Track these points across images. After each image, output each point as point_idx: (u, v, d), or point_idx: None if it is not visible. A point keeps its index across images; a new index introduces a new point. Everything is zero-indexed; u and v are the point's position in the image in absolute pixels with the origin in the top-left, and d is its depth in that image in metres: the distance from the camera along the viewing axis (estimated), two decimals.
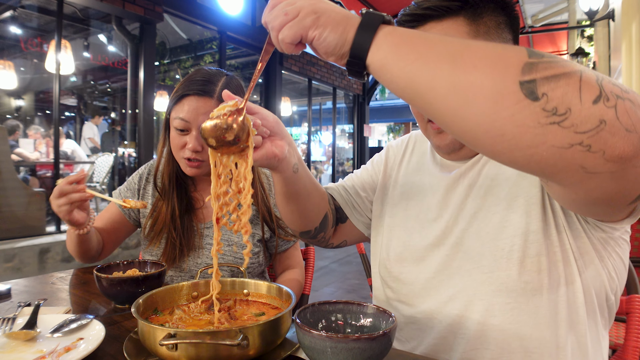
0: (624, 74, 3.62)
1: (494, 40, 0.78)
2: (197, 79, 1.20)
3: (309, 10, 0.57)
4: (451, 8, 0.77)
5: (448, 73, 0.49)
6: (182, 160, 1.23)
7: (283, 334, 0.71)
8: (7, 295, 1.05)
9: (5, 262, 3.55)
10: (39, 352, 0.69)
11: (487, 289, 0.75)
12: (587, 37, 7.76)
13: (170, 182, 1.29)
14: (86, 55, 6.42)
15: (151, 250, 1.28)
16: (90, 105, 8.27)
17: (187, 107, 1.18)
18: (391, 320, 0.64)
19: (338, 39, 0.57)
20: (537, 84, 0.44)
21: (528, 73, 0.45)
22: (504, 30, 0.79)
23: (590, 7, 4.85)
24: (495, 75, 0.46)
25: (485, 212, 0.79)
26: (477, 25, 0.76)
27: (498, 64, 0.47)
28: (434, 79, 0.50)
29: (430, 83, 0.50)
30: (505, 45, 0.51)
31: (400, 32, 0.55)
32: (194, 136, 1.19)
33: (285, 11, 0.58)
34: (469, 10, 0.77)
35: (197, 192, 1.35)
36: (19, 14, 5.74)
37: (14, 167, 4.17)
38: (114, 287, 0.93)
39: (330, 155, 10.57)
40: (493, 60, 0.47)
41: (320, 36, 0.57)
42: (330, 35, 0.57)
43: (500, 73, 0.46)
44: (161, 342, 0.60)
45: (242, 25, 6.86)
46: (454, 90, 0.48)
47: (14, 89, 5.59)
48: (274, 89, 7.67)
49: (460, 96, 0.48)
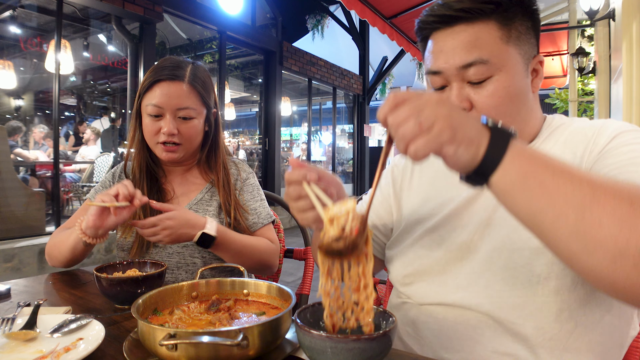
0: (624, 74, 3.62)
1: (523, 45, 0.77)
2: (166, 65, 1.25)
3: (444, 125, 0.53)
4: (484, 10, 0.75)
5: (574, 222, 0.50)
6: (157, 147, 1.25)
7: (283, 334, 0.71)
8: (7, 295, 1.04)
9: (5, 262, 3.55)
10: (39, 352, 0.69)
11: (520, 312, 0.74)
12: (588, 36, 7.75)
13: (141, 172, 1.31)
14: (86, 55, 6.42)
15: (122, 242, 1.28)
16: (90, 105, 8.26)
17: (159, 92, 1.22)
18: (391, 320, 0.64)
19: (470, 157, 0.54)
20: None
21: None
22: (530, 35, 0.79)
23: (590, 6, 4.85)
24: (618, 238, 0.48)
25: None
26: (509, 29, 0.76)
27: (624, 225, 0.48)
28: (558, 222, 0.51)
29: (553, 224, 0.51)
30: (632, 196, 0.49)
31: (528, 157, 0.53)
32: (168, 120, 1.22)
33: (419, 121, 0.53)
34: (501, 14, 0.75)
35: (167, 183, 1.37)
36: (19, 13, 5.74)
37: (13, 167, 4.17)
38: (114, 287, 0.93)
39: (331, 155, 10.56)
40: (620, 219, 0.48)
41: (455, 153, 0.54)
42: (464, 154, 0.54)
43: (625, 236, 0.47)
44: (161, 342, 0.60)
45: (242, 25, 6.86)
46: (576, 238, 0.50)
47: (14, 89, 5.59)
48: (274, 88, 7.67)
49: (582, 245, 0.50)
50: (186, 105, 1.24)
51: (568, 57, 7.30)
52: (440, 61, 0.79)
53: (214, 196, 1.34)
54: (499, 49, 0.75)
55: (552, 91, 10.21)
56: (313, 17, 9.64)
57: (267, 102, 7.72)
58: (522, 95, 0.78)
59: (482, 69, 0.75)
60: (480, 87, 0.76)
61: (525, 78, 0.79)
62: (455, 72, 0.77)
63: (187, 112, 1.24)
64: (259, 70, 8.02)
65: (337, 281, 0.62)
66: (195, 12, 5.91)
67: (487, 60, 0.75)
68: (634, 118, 3.49)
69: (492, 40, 0.75)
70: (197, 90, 1.27)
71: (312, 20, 9.64)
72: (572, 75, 6.88)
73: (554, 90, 10.15)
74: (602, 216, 0.48)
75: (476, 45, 0.75)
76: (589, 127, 0.79)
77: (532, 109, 0.82)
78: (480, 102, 0.77)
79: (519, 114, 0.79)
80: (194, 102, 1.26)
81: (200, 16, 6.02)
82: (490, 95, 0.76)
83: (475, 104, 0.77)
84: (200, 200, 1.33)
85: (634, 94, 3.50)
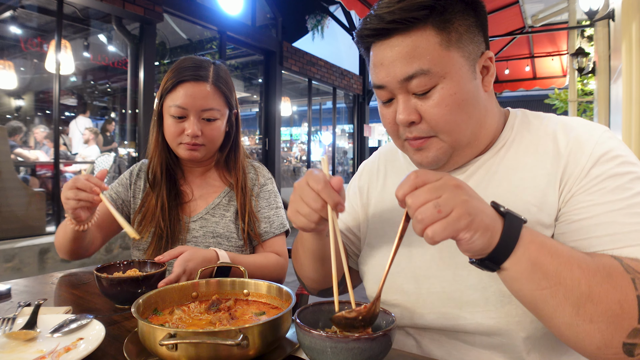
0: (624, 74, 3.62)
1: (466, 46, 0.73)
2: (189, 66, 1.22)
3: (462, 211, 0.54)
4: (418, 18, 0.70)
5: (569, 315, 0.57)
6: (180, 147, 1.24)
7: (283, 334, 0.71)
8: (7, 295, 1.05)
9: (5, 262, 3.55)
10: (39, 352, 0.69)
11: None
12: (587, 37, 7.75)
13: (162, 172, 1.30)
14: (86, 55, 6.41)
15: (139, 244, 1.28)
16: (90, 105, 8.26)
17: (183, 93, 1.20)
18: (391, 320, 0.64)
19: (485, 243, 0.57)
20: (637, 347, 0.56)
21: (633, 337, 0.56)
22: (474, 32, 0.74)
23: (590, 7, 4.85)
24: (606, 334, 0.56)
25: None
26: (448, 33, 0.71)
27: (611, 325, 0.56)
28: (556, 312, 0.58)
29: (552, 314, 0.59)
30: (622, 297, 0.56)
31: (537, 246, 0.58)
32: (192, 121, 1.21)
33: (439, 207, 0.54)
34: (437, 18, 0.71)
35: (186, 184, 1.36)
36: (19, 14, 5.73)
37: (14, 167, 4.17)
38: (114, 287, 0.93)
39: (331, 155, 10.56)
40: (609, 320, 0.56)
41: (471, 239, 0.56)
42: (479, 240, 0.56)
43: (611, 332, 0.56)
44: (161, 342, 0.60)
45: (242, 25, 6.86)
46: (569, 328, 0.58)
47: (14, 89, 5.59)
48: (274, 88, 7.67)
49: (573, 333, 0.58)
50: (211, 106, 1.23)
51: (568, 57, 7.29)
52: (382, 75, 0.75)
53: (232, 201, 1.33)
54: (440, 56, 0.71)
55: (552, 91, 10.22)
56: (313, 17, 9.65)
57: (267, 102, 7.72)
58: (472, 99, 0.74)
59: (425, 79, 0.71)
60: (426, 97, 0.73)
61: (474, 80, 0.75)
62: (398, 85, 0.73)
63: (211, 114, 1.23)
64: (259, 70, 8.01)
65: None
66: (195, 13, 5.92)
67: (429, 69, 0.71)
68: (633, 118, 3.49)
69: (432, 48, 0.71)
70: (221, 90, 1.26)
71: (312, 21, 9.65)
72: (572, 76, 6.88)
73: (553, 90, 10.15)
74: (593, 315, 0.56)
75: (415, 55, 0.71)
76: (561, 131, 0.76)
77: (487, 109, 0.79)
78: (428, 113, 0.73)
79: (471, 118, 0.75)
80: (218, 103, 1.25)
81: (200, 16, 6.03)
82: (437, 105, 0.72)
83: (424, 115, 0.74)
84: (218, 205, 1.32)
85: (633, 94, 3.49)
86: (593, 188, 0.69)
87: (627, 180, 0.67)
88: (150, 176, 1.32)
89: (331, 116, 10.01)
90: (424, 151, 0.78)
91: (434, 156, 0.77)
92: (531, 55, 9.12)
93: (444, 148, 0.77)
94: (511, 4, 6.71)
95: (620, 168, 0.69)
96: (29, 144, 6.03)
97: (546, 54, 9.01)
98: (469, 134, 0.77)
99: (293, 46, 8.19)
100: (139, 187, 1.36)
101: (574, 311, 0.56)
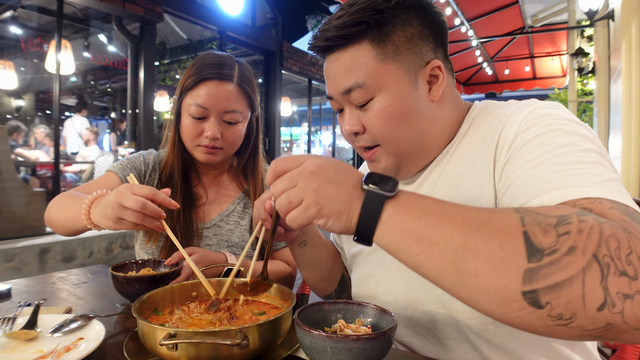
0: (623, 74, 3.62)
1: (404, 58, 0.74)
2: (212, 63, 1.14)
3: (311, 200, 0.56)
4: (352, 34, 0.73)
5: (452, 275, 0.50)
6: (197, 149, 1.17)
7: (283, 334, 0.71)
8: (7, 295, 1.05)
9: (5, 262, 3.55)
10: (39, 352, 0.69)
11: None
12: (587, 37, 7.75)
13: (179, 174, 1.23)
14: (86, 55, 6.42)
15: (148, 248, 1.22)
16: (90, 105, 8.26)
17: (206, 92, 1.11)
18: (391, 320, 0.64)
19: (343, 226, 0.57)
20: (540, 294, 0.45)
21: (529, 283, 0.45)
22: (417, 43, 0.74)
23: (590, 7, 4.85)
24: (497, 286, 0.47)
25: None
26: (384, 46, 0.73)
27: (498, 272, 0.47)
28: (440, 275, 0.51)
29: (436, 278, 0.52)
30: (503, 235, 0.48)
31: (402, 215, 0.53)
32: (212, 123, 1.13)
33: (289, 198, 0.57)
34: (374, 32, 0.73)
35: (200, 186, 1.30)
36: (19, 14, 5.74)
37: (14, 167, 4.17)
38: (131, 285, 0.92)
39: (330, 156, 10.57)
40: (494, 267, 0.47)
41: (326, 224, 0.57)
42: (335, 224, 0.57)
43: (502, 282, 0.46)
44: (161, 342, 0.60)
45: (242, 25, 6.87)
46: (459, 289, 0.50)
47: (14, 89, 5.59)
48: (274, 89, 7.67)
49: (467, 294, 0.50)
50: (234, 108, 1.14)
51: (567, 57, 7.30)
52: (329, 87, 0.80)
53: (247, 208, 1.28)
54: (374, 69, 0.73)
55: (552, 91, 10.22)
56: (313, 17, 9.65)
57: (267, 102, 7.72)
58: (412, 110, 0.75)
59: (361, 92, 0.74)
60: (365, 109, 0.76)
61: (414, 91, 0.75)
62: (341, 97, 0.78)
63: (233, 116, 1.15)
64: (259, 70, 8.02)
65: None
66: (195, 13, 5.92)
67: (364, 82, 0.74)
68: (633, 118, 3.49)
69: (367, 62, 0.73)
70: (245, 92, 1.18)
71: (312, 21, 9.66)
72: (572, 76, 6.88)
73: (553, 90, 10.15)
74: (476, 266, 0.48)
75: (351, 69, 0.74)
76: (504, 113, 0.75)
77: (434, 118, 0.78)
78: (368, 124, 0.77)
79: (412, 129, 0.76)
80: (242, 105, 1.17)
81: (201, 16, 6.03)
82: (374, 117, 0.75)
83: (366, 126, 0.77)
84: (232, 212, 1.27)
85: (633, 94, 3.50)
86: (517, 154, 0.67)
87: (551, 136, 0.64)
88: (164, 177, 1.25)
89: (331, 116, 10.02)
90: (375, 162, 0.82)
91: (383, 167, 0.81)
92: (531, 55, 9.13)
93: (391, 159, 0.80)
94: (511, 4, 6.72)
95: (545, 128, 0.66)
96: (29, 143, 6.04)
97: (546, 54, 9.02)
98: (412, 144, 0.78)
99: (293, 46, 8.20)
100: (153, 180, 1.27)
101: (454, 269, 0.49)
